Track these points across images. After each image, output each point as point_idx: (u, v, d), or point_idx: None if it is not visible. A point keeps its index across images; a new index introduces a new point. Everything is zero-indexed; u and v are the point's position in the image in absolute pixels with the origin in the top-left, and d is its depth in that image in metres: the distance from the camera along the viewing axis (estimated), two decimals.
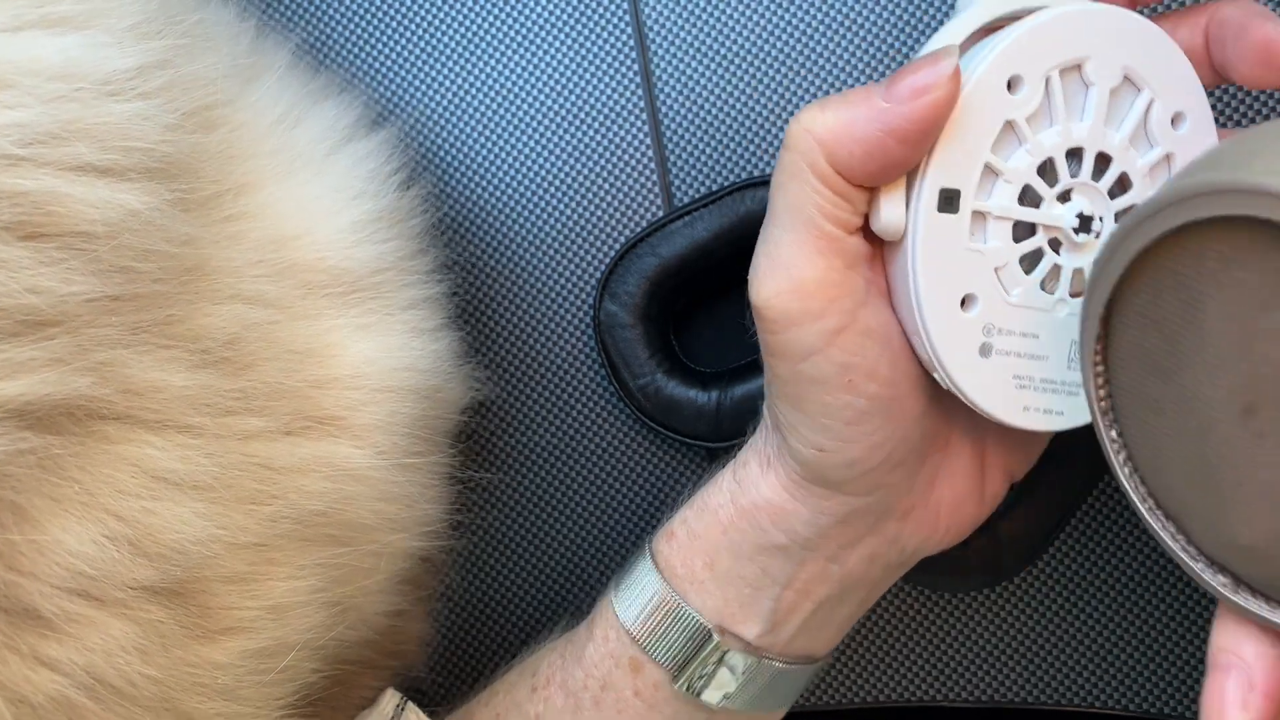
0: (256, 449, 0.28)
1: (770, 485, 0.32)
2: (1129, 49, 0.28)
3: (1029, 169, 0.28)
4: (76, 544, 0.24)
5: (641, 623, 0.33)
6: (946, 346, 0.29)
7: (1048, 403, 0.30)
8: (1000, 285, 0.29)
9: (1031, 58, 0.28)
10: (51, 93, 0.25)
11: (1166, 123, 0.29)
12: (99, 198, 0.25)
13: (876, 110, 0.27)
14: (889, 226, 0.28)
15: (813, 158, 0.28)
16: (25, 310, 0.23)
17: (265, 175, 0.32)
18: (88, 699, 0.25)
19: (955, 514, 0.33)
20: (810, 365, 0.29)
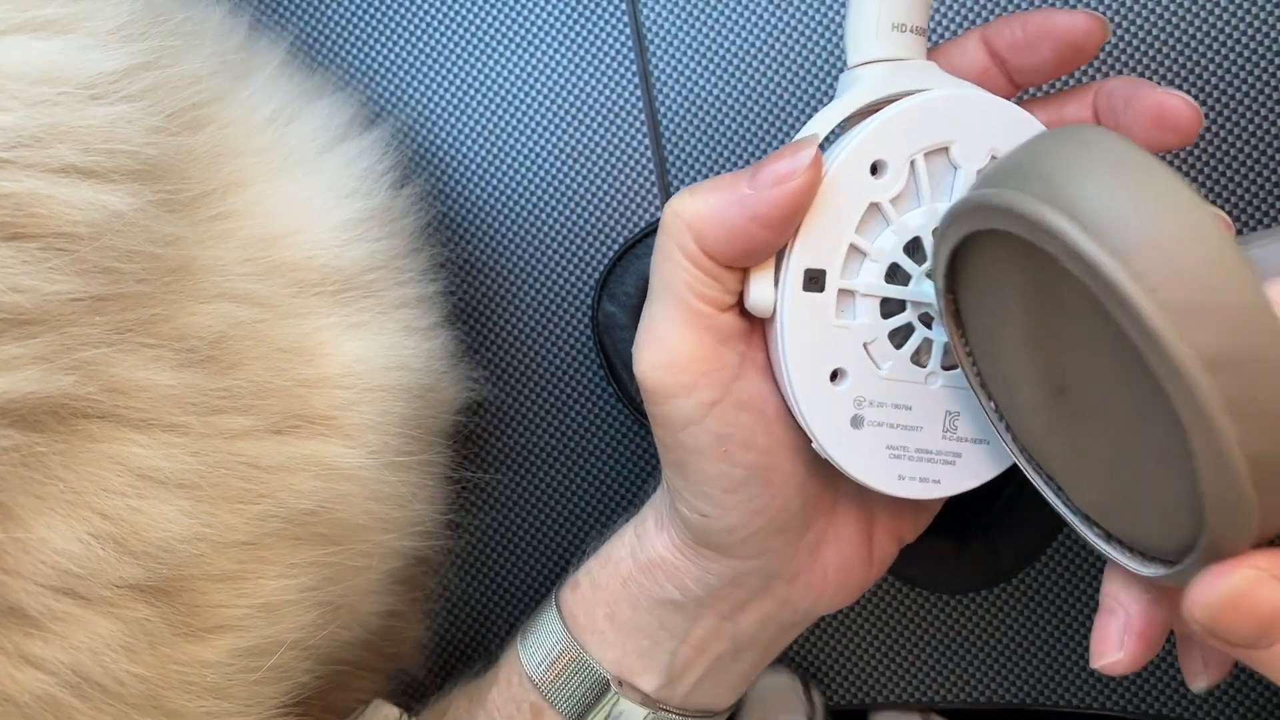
0: (243, 448, 0.28)
1: (664, 543, 0.34)
2: (997, 131, 0.30)
3: (895, 248, 0.30)
4: (62, 542, 0.25)
5: (544, 670, 0.35)
6: (818, 418, 0.30)
7: (924, 471, 0.31)
8: (870, 359, 0.30)
9: (895, 143, 0.29)
10: (36, 96, 0.25)
11: None
12: (82, 199, 0.25)
13: (741, 196, 0.28)
14: (758, 305, 0.30)
15: (683, 241, 0.29)
16: (9, 309, 0.24)
17: (255, 173, 0.32)
18: (74, 698, 0.25)
19: (843, 577, 0.34)
20: (688, 435, 0.30)
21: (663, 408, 0.30)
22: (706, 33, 0.42)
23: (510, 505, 0.44)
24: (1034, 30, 0.30)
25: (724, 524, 0.31)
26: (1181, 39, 0.39)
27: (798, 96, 0.41)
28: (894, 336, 0.31)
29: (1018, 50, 0.31)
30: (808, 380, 0.30)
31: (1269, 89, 0.39)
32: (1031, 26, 0.30)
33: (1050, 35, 0.30)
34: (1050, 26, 0.30)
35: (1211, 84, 0.39)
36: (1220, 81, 0.39)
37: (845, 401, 0.30)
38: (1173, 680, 0.42)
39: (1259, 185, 0.39)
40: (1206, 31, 0.39)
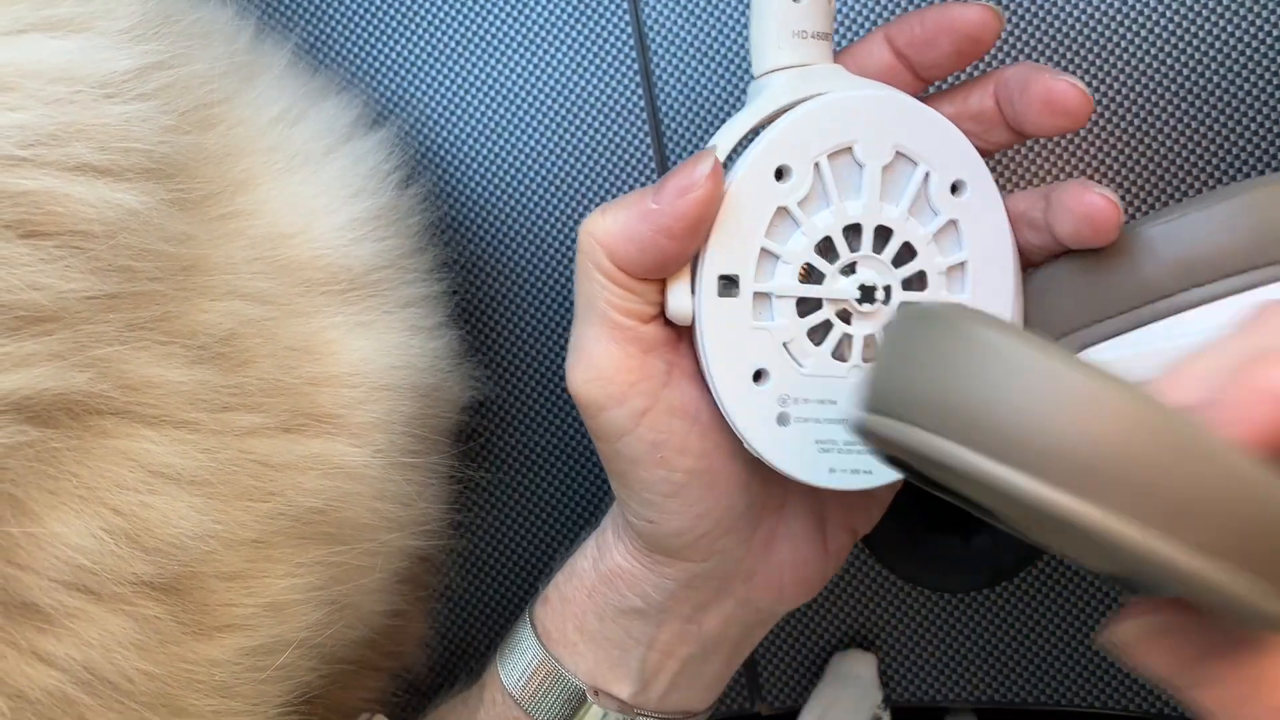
0: (254, 445, 0.29)
1: (621, 553, 0.34)
2: (900, 128, 0.31)
3: (806, 249, 0.31)
4: (75, 537, 0.25)
5: (523, 686, 0.35)
6: (745, 419, 0.31)
7: (854, 463, 0.32)
8: (791, 358, 0.31)
9: (797, 146, 0.30)
10: (52, 95, 0.25)
11: (946, 191, 0.31)
12: (98, 197, 0.25)
13: (647, 211, 0.29)
14: (677, 313, 0.31)
15: (597, 258, 0.30)
16: (25, 306, 0.24)
17: (263, 173, 0.32)
18: (85, 694, 0.25)
19: (799, 572, 0.35)
20: (624, 445, 0.31)
21: (597, 420, 0.31)
22: (708, 32, 0.42)
23: (513, 504, 0.44)
24: (931, 26, 0.31)
25: (670, 528, 0.32)
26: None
27: None
28: (813, 334, 0.31)
29: (918, 46, 0.31)
30: (731, 382, 0.31)
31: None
32: (929, 22, 0.31)
33: (947, 29, 0.31)
34: (946, 21, 0.31)
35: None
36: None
37: (770, 400, 0.31)
38: None
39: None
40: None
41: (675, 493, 0.32)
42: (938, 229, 0.31)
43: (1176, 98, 0.39)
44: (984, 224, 0.31)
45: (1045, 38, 0.40)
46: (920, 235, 0.31)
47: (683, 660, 0.35)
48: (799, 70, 0.31)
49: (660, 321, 0.32)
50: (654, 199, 0.29)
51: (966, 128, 0.32)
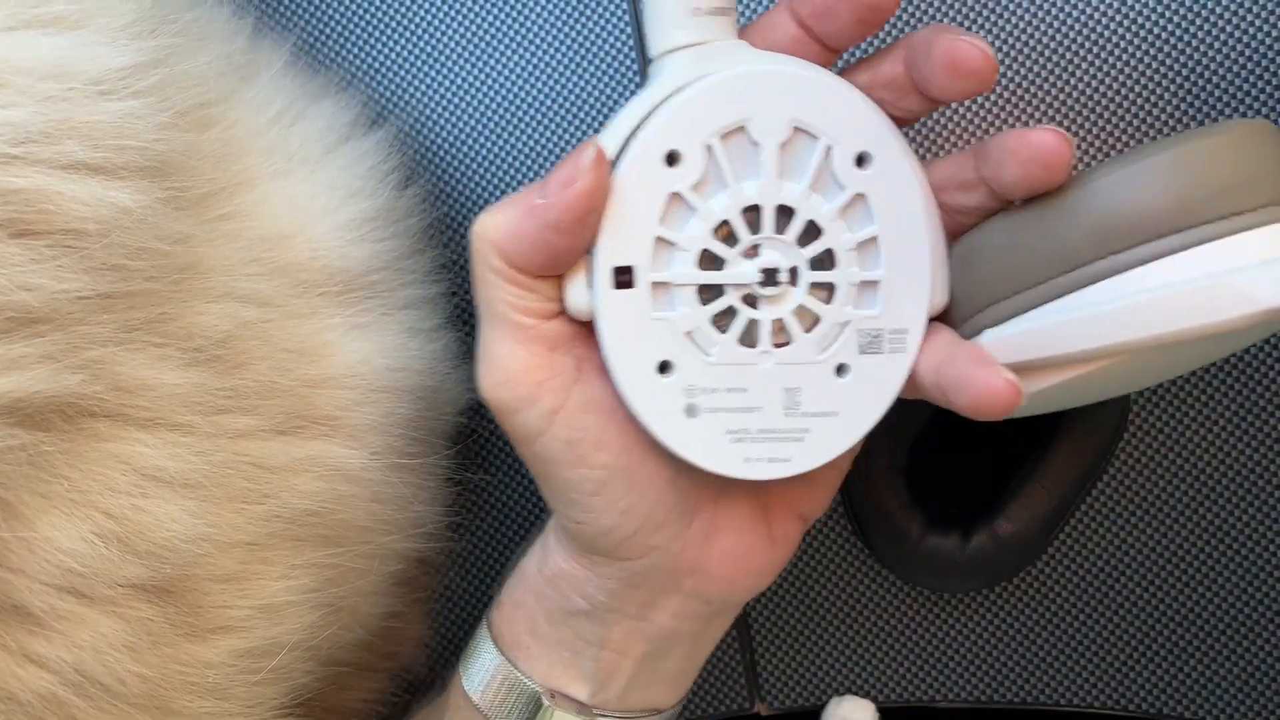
0: (248, 448, 0.28)
1: (561, 555, 0.34)
2: (798, 102, 0.29)
3: (704, 235, 0.30)
4: (66, 541, 0.24)
5: (483, 692, 0.35)
6: (651, 413, 0.30)
7: (770, 451, 0.31)
8: (696, 348, 0.30)
9: (687, 129, 0.29)
10: (45, 92, 0.25)
11: (851, 164, 0.30)
12: (91, 196, 0.25)
13: (533, 207, 0.29)
14: (575, 308, 0.30)
15: (490, 259, 0.30)
16: (17, 307, 0.24)
17: (260, 173, 0.32)
18: (77, 696, 0.25)
19: (745, 563, 0.34)
20: (540, 446, 0.31)
21: (510, 423, 0.31)
22: None
23: (511, 506, 0.44)
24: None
25: (597, 528, 0.32)
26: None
27: None
28: (718, 321, 0.30)
29: (819, 18, 0.30)
30: (634, 376, 0.30)
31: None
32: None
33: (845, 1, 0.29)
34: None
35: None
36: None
37: (676, 392, 0.30)
38: (1173, 680, 0.42)
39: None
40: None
41: (598, 491, 0.31)
42: (844, 204, 0.30)
43: (1173, 95, 0.39)
44: (895, 196, 0.30)
45: (1043, 36, 0.40)
46: (825, 212, 0.30)
47: (638, 659, 0.34)
48: (697, 49, 0.30)
49: (563, 318, 0.31)
50: (539, 194, 0.29)
51: (880, 96, 0.30)
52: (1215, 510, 0.41)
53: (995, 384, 0.27)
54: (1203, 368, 0.40)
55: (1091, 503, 0.41)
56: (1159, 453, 0.41)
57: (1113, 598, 0.41)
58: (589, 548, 0.33)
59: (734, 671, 0.44)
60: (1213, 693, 0.41)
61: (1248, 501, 0.40)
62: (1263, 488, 0.40)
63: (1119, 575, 0.41)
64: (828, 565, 0.43)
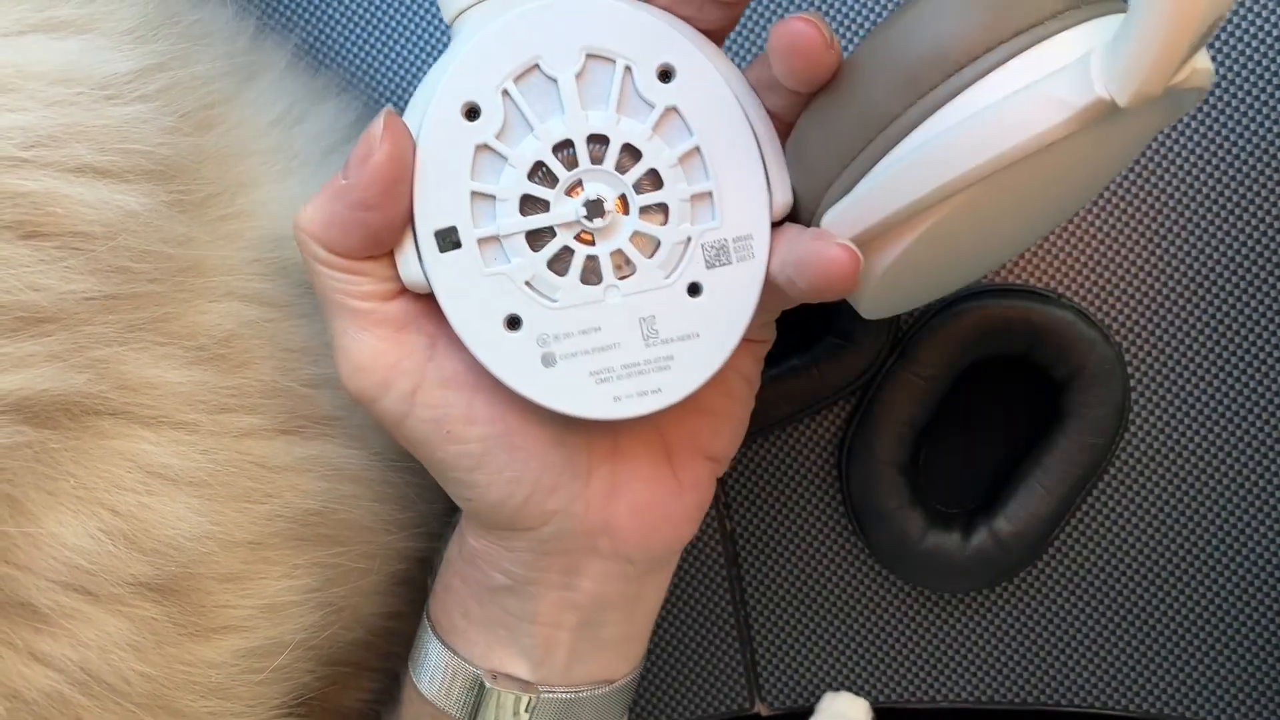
0: (252, 447, 0.29)
1: (472, 534, 0.33)
2: (585, 30, 0.28)
3: (520, 180, 0.29)
4: (72, 538, 0.25)
5: (428, 680, 0.34)
6: (508, 370, 0.29)
7: (639, 385, 0.30)
8: (539, 295, 0.29)
9: (477, 80, 0.28)
10: (52, 96, 0.25)
11: (654, 81, 0.29)
12: (98, 198, 0.25)
13: (339, 189, 0.28)
14: (411, 281, 0.29)
15: (311, 249, 0.29)
16: (25, 307, 0.24)
17: (262, 174, 0.32)
18: (82, 695, 0.25)
19: (657, 513, 0.33)
20: (407, 429, 0.30)
21: (374, 412, 0.30)
22: None
23: None
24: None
25: (488, 502, 0.31)
26: None
27: None
28: (555, 265, 0.29)
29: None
30: (483, 337, 0.29)
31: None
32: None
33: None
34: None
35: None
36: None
37: (529, 344, 0.29)
38: (1173, 680, 0.42)
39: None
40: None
41: (477, 465, 0.30)
42: (655, 121, 0.29)
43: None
44: (709, 104, 0.29)
45: None
46: (639, 133, 0.29)
47: (573, 629, 0.34)
48: (485, 4, 0.29)
49: (406, 295, 0.30)
50: (343, 174, 0.28)
51: (683, 13, 0.29)
52: (1215, 510, 0.41)
53: (831, 253, 0.27)
54: (1204, 367, 0.40)
55: (1092, 503, 0.41)
56: (1159, 453, 0.41)
57: (1113, 598, 0.42)
58: (488, 523, 0.32)
59: (734, 671, 0.44)
60: (1213, 693, 0.41)
61: (1248, 502, 0.40)
62: (1263, 488, 0.40)
63: (1119, 575, 0.41)
64: (828, 565, 0.43)
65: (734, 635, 0.44)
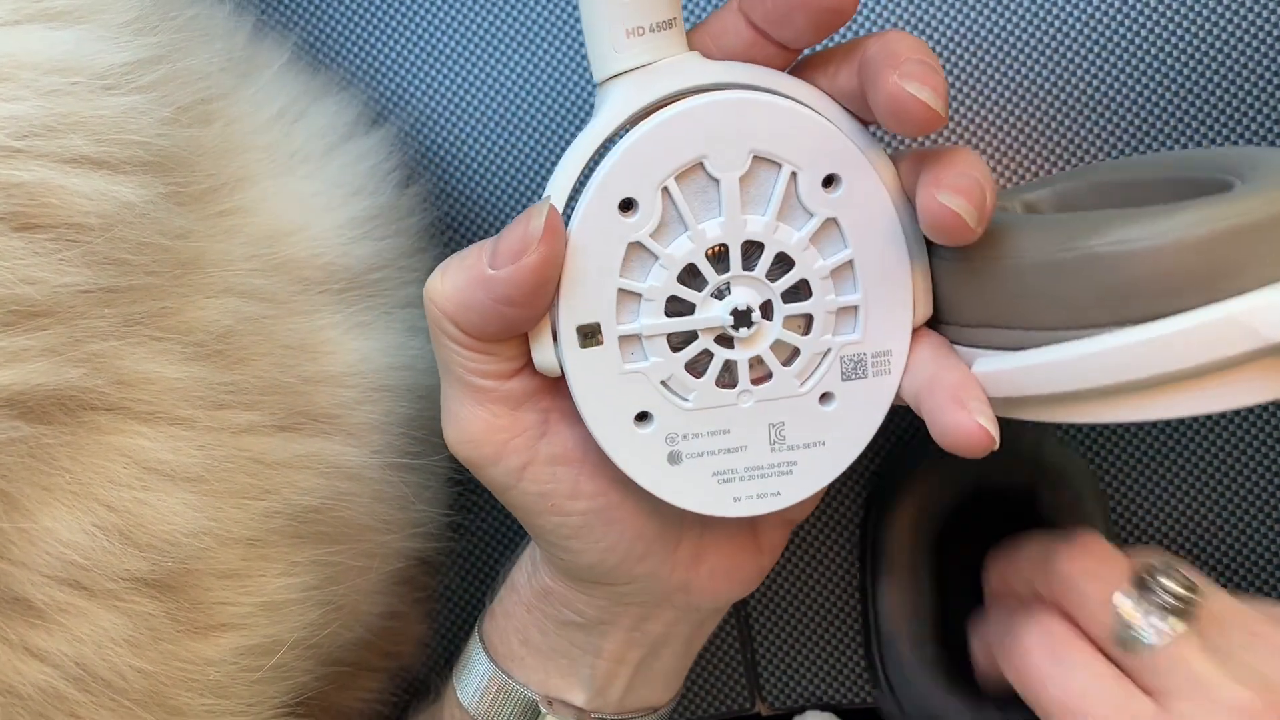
0: (249, 443, 0.28)
1: (549, 574, 0.34)
2: (754, 130, 0.27)
3: (669, 281, 0.28)
4: (67, 533, 0.24)
5: (477, 701, 0.35)
6: (634, 464, 0.29)
7: (759, 488, 0.30)
8: (673, 395, 0.29)
9: (639, 174, 0.27)
10: (48, 86, 0.25)
11: (818, 188, 0.28)
12: (94, 190, 0.25)
13: (483, 278, 0.27)
14: (544, 367, 0.29)
15: (442, 325, 0.28)
16: (19, 300, 0.24)
17: (261, 170, 0.32)
18: (78, 691, 0.25)
19: (734, 575, 0.34)
20: (512, 497, 0.30)
21: (481, 476, 0.30)
22: None
23: None
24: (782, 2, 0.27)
25: (582, 563, 0.31)
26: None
27: None
28: (692, 367, 0.29)
29: (773, 24, 0.28)
30: (613, 431, 0.29)
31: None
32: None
33: (800, 6, 0.27)
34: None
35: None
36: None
37: (657, 442, 0.29)
38: None
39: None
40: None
41: (575, 535, 0.31)
42: (813, 231, 0.28)
43: (1174, 95, 0.39)
44: (868, 215, 0.28)
45: (1042, 36, 0.40)
46: (795, 242, 0.28)
47: (635, 664, 0.35)
48: (644, 72, 0.28)
49: (526, 373, 0.30)
50: (490, 261, 0.27)
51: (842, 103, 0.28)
52: (1215, 510, 0.41)
53: (968, 426, 0.27)
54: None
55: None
56: (1159, 453, 0.40)
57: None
58: (573, 577, 0.33)
59: (734, 671, 0.44)
60: None
61: (1248, 501, 0.40)
62: (1263, 487, 0.40)
63: None
64: (828, 565, 0.43)
65: (734, 635, 0.44)
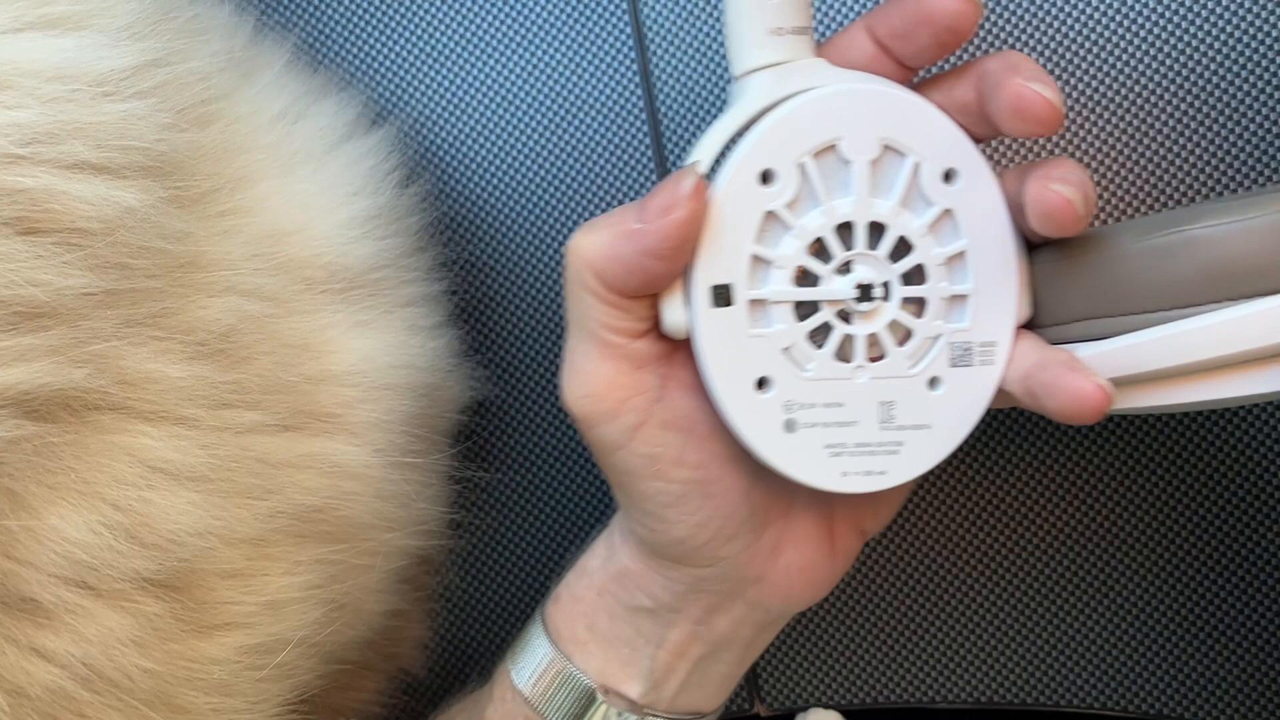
0: (253, 443, 0.29)
1: (628, 554, 0.35)
2: (886, 120, 0.30)
3: (799, 251, 0.30)
4: (73, 532, 0.25)
5: (533, 685, 0.35)
6: (750, 429, 0.31)
7: (867, 465, 0.31)
8: (793, 363, 0.31)
9: (780, 149, 0.30)
10: (50, 93, 0.25)
11: (938, 181, 0.30)
12: (95, 195, 0.25)
13: (631, 232, 0.29)
14: (672, 328, 0.31)
15: (584, 278, 0.30)
16: (23, 302, 0.24)
17: (262, 170, 0.32)
18: (85, 691, 0.25)
19: (808, 575, 0.35)
20: (619, 459, 0.32)
21: (591, 435, 0.32)
22: (708, 31, 0.42)
23: (512, 505, 0.44)
24: (909, 17, 0.30)
25: (670, 537, 0.32)
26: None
27: None
28: (814, 337, 0.31)
29: (897, 38, 0.31)
30: (734, 393, 0.30)
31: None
32: (907, 13, 0.30)
33: (925, 21, 0.30)
34: (924, 12, 0.30)
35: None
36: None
37: (775, 408, 0.31)
38: (1173, 680, 0.42)
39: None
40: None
41: (673, 503, 0.32)
42: (932, 220, 0.31)
43: (1174, 96, 0.39)
44: (980, 211, 0.31)
45: (1043, 35, 0.40)
46: (915, 228, 0.31)
47: (694, 661, 0.35)
48: (779, 69, 0.30)
49: (652, 336, 0.31)
50: (638, 218, 0.29)
51: (955, 118, 0.31)
52: (1215, 510, 0.41)
53: (1088, 389, 0.28)
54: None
55: (1092, 502, 0.41)
56: (1158, 452, 0.41)
57: (1113, 598, 0.42)
58: (659, 554, 0.33)
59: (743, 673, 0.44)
60: (1213, 693, 0.41)
61: (1247, 502, 0.40)
62: (1263, 488, 0.40)
63: (1119, 575, 0.41)
64: None
65: None
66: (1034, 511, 0.42)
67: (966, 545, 0.42)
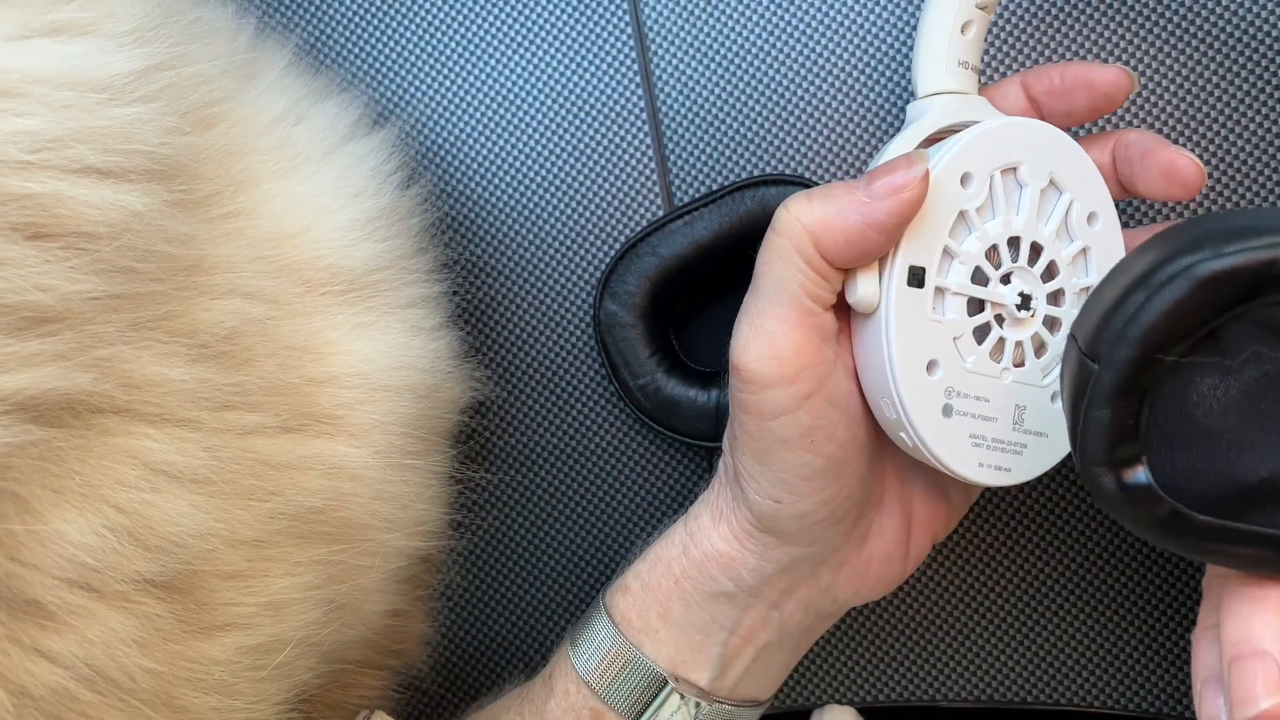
0: (255, 444, 0.29)
1: (722, 535, 0.36)
2: (1053, 157, 0.34)
3: (979, 253, 0.33)
4: (78, 535, 0.25)
5: (600, 673, 0.36)
6: (915, 407, 0.33)
7: (998, 460, 0.34)
8: (958, 352, 0.33)
9: (979, 159, 0.33)
10: (58, 100, 0.25)
11: (1084, 221, 0.34)
12: (102, 199, 0.25)
13: (859, 204, 0.31)
14: (864, 300, 0.33)
15: (801, 244, 0.32)
16: (31, 307, 0.24)
17: (264, 172, 0.32)
18: (88, 691, 0.26)
19: (883, 569, 0.37)
20: (779, 425, 0.33)
21: (759, 397, 0.32)
22: (708, 31, 0.42)
23: (512, 505, 0.44)
24: (1072, 80, 0.34)
25: (795, 510, 0.33)
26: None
27: (799, 95, 0.42)
28: (976, 333, 0.34)
29: (1054, 96, 0.35)
30: (908, 370, 0.32)
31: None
32: (1070, 76, 0.34)
33: (1086, 85, 0.34)
34: (1086, 77, 0.34)
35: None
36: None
37: (938, 391, 0.33)
38: (1173, 680, 0.42)
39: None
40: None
41: (812, 477, 0.33)
42: (1075, 253, 0.34)
43: (1174, 96, 0.39)
44: (1109, 254, 0.34)
45: (1043, 35, 0.40)
46: (1064, 256, 0.34)
47: (761, 646, 0.36)
48: (958, 96, 0.34)
49: (835, 311, 0.33)
50: (865, 193, 0.31)
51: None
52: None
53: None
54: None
55: (1092, 502, 0.41)
56: None
57: (1113, 598, 0.42)
58: (770, 527, 0.34)
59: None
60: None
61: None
62: None
63: (1119, 575, 0.42)
64: None
65: None
66: (1037, 513, 0.42)
67: (972, 548, 0.42)
